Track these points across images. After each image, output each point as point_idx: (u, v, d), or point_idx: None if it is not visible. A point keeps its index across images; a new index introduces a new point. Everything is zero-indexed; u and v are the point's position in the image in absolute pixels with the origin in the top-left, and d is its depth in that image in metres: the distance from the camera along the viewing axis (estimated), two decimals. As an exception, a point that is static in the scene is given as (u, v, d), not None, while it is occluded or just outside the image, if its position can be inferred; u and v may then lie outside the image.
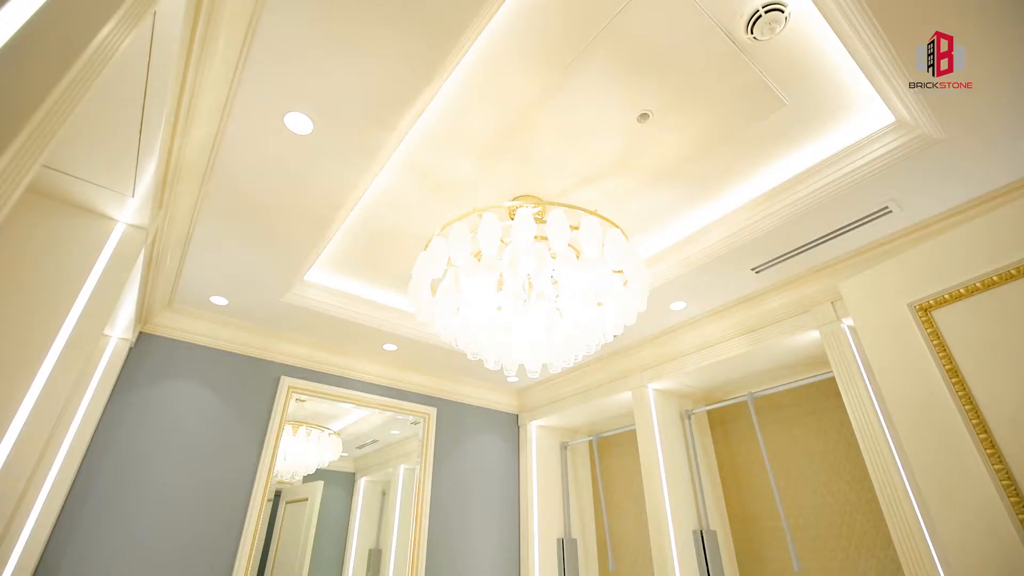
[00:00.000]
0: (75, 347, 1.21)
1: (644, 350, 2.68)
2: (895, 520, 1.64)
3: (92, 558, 1.91)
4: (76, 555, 1.88)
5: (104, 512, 1.98)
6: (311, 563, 2.79)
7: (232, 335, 2.49)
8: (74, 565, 1.87)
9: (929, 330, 1.18)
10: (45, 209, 1.29)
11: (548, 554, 3.04)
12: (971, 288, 1.15)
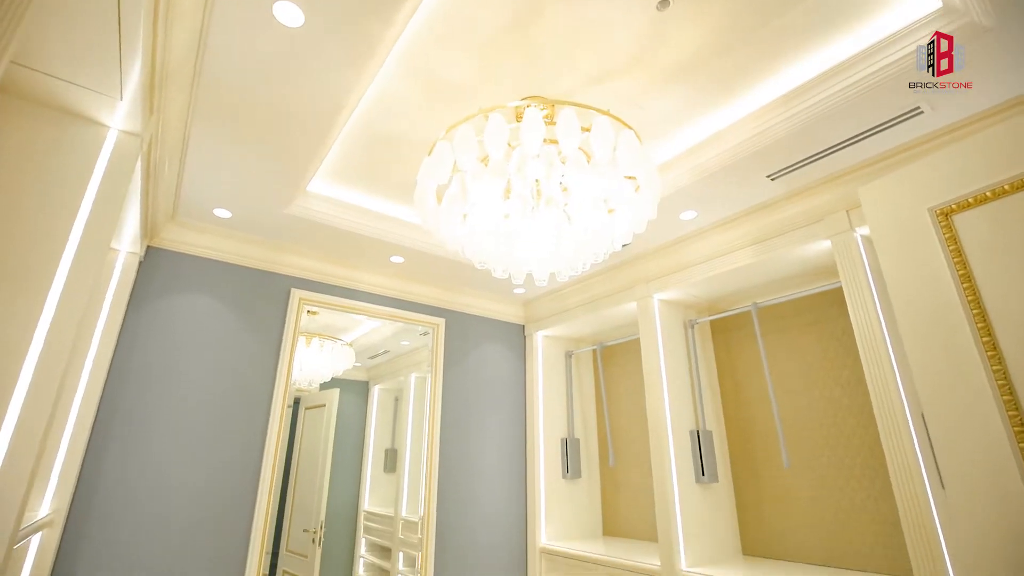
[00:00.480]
0: (84, 260, 1.22)
1: (651, 261, 2.68)
2: (885, 420, 1.72)
3: (130, 468, 2.06)
4: (114, 466, 2.03)
5: (135, 424, 2.11)
6: (332, 461, 3.01)
7: (239, 248, 2.50)
8: (114, 476, 2.02)
9: (947, 235, 1.15)
10: (35, 116, 1.23)
11: (552, 452, 3.26)
12: (998, 191, 1.11)
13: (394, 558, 2.96)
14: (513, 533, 3.07)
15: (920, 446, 1.65)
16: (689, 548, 2.32)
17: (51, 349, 1.10)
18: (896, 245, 1.19)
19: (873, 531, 2.14)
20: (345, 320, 3.01)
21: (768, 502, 2.52)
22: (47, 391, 1.08)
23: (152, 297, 2.26)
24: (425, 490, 2.82)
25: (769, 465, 2.55)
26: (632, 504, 3.17)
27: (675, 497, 2.38)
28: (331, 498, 2.97)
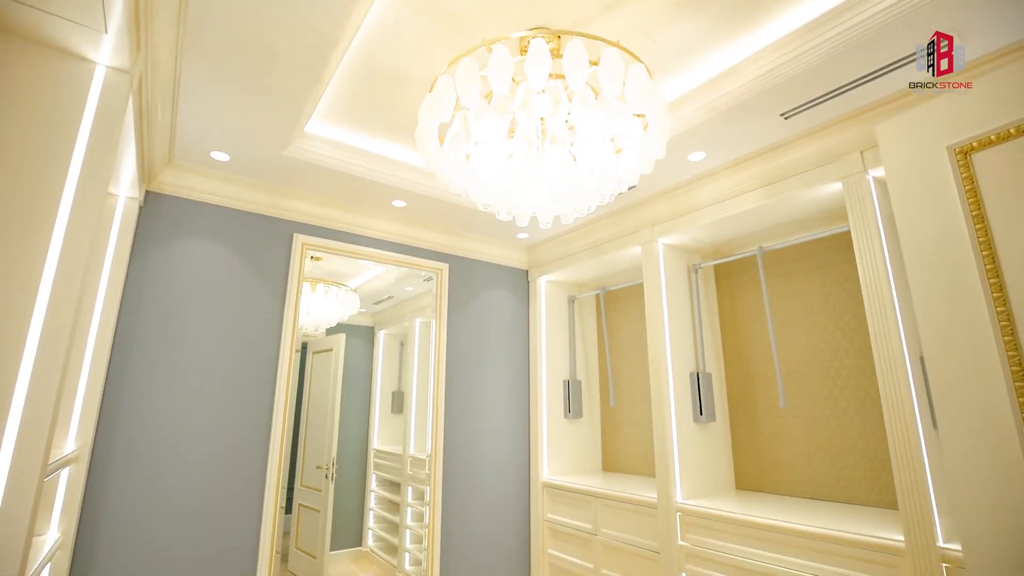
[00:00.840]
0: (84, 203, 1.20)
1: (657, 204, 2.64)
2: (883, 362, 1.75)
3: (147, 407, 2.13)
4: (132, 406, 2.10)
5: (149, 365, 2.16)
6: (341, 403, 3.11)
7: (240, 193, 2.47)
8: (133, 415, 2.09)
9: (964, 175, 1.12)
10: (19, 51, 1.18)
11: (555, 393, 3.35)
12: (1023, 127, 1.06)
13: (403, 492, 3.11)
14: (517, 469, 3.22)
15: (915, 388, 1.69)
16: (685, 482, 2.43)
17: (60, 290, 1.11)
18: (910, 184, 1.16)
19: (863, 467, 2.23)
20: (349, 266, 3.02)
21: (763, 440, 2.61)
22: (61, 331, 1.10)
23: (156, 243, 2.25)
24: (432, 430, 2.93)
25: (766, 405, 2.62)
26: (631, 442, 3.30)
27: (673, 435, 2.47)
28: (341, 437, 3.10)
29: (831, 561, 1.81)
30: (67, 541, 1.85)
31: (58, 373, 1.08)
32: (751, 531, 2.05)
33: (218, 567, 2.17)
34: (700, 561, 2.22)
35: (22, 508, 1.02)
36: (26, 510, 1.02)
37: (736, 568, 2.08)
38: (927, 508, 1.60)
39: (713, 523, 2.20)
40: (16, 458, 1.02)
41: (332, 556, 2.97)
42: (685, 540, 2.30)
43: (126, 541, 2.00)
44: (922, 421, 1.66)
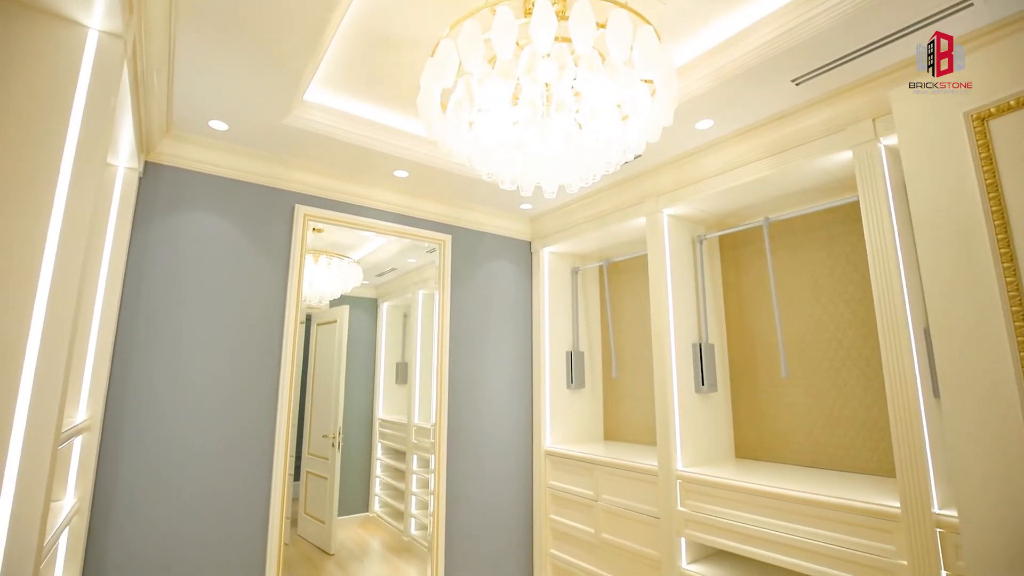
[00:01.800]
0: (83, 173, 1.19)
1: (662, 174, 2.60)
2: (887, 333, 1.75)
3: (155, 378, 2.15)
4: (140, 377, 2.12)
5: (155, 337, 2.17)
6: (346, 374, 3.14)
7: (240, 163, 2.44)
8: (141, 386, 2.12)
9: (980, 141, 1.10)
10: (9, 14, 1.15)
11: (558, 364, 3.38)
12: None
13: (408, 460, 3.18)
14: (520, 438, 3.27)
15: (918, 358, 1.69)
16: (686, 450, 2.47)
17: (64, 261, 1.11)
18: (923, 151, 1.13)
19: (862, 436, 2.26)
20: (351, 238, 3.00)
21: (764, 409, 2.64)
22: (66, 302, 1.10)
23: (157, 214, 2.24)
24: (436, 400, 2.97)
25: (768, 375, 2.64)
26: (633, 412, 3.34)
27: (675, 405, 2.49)
28: (347, 407, 3.14)
29: (827, 527, 1.85)
30: (83, 506, 1.91)
31: (66, 343, 1.09)
32: (749, 497, 2.10)
33: (231, 532, 2.24)
34: (698, 526, 2.27)
35: (39, 474, 1.04)
36: (42, 476, 1.04)
37: (734, 533, 2.13)
38: (924, 475, 1.62)
39: (712, 490, 2.25)
40: (30, 426, 1.04)
41: (340, 521, 3.05)
42: (684, 506, 2.35)
43: (140, 505, 2.06)
44: (923, 391, 1.68)
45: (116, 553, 1.99)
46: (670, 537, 2.37)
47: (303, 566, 2.85)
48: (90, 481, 1.94)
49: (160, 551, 2.08)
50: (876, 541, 1.73)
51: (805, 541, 1.89)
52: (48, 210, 1.11)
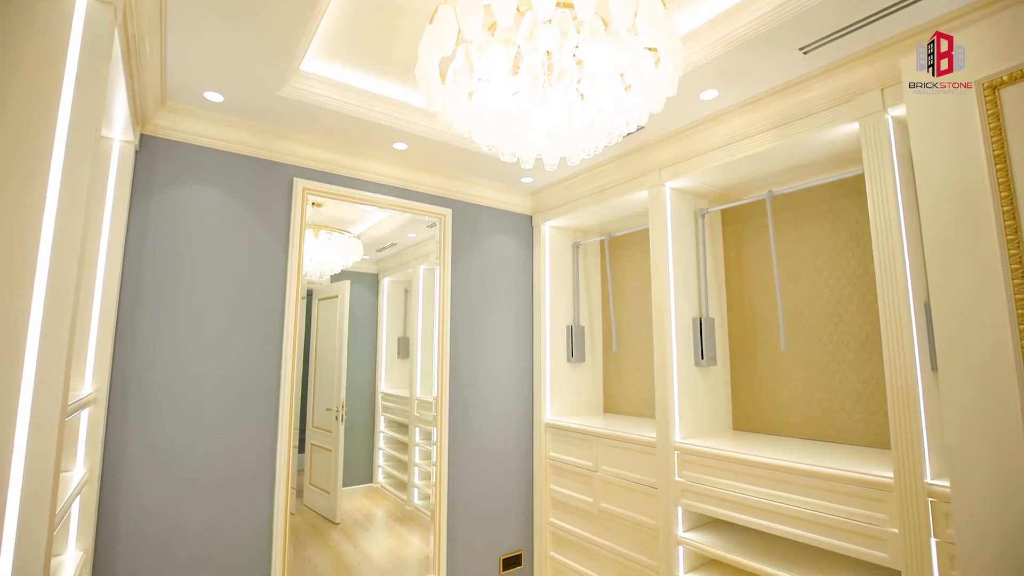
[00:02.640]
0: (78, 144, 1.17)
1: (665, 146, 2.56)
2: (888, 307, 1.75)
3: (158, 353, 2.17)
4: (144, 352, 2.14)
5: (157, 312, 2.18)
6: (348, 348, 3.17)
7: (237, 136, 2.40)
8: (145, 361, 2.14)
9: (991, 111, 1.07)
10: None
11: (558, 338, 3.41)
12: (1057, 58, 1.00)
13: (411, 432, 3.23)
14: (520, 410, 3.32)
15: (917, 332, 1.70)
16: (684, 423, 2.50)
17: (63, 233, 1.10)
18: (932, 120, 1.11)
19: (859, 410, 2.29)
20: (351, 212, 2.98)
21: (762, 383, 2.66)
22: (67, 275, 1.10)
23: (155, 188, 2.22)
24: (437, 374, 3.00)
25: (767, 349, 2.65)
26: (632, 385, 3.38)
27: (674, 378, 2.52)
28: (349, 381, 3.17)
29: (821, 496, 1.89)
30: (93, 476, 1.95)
31: (68, 316, 1.10)
32: (745, 468, 2.14)
33: (238, 501, 2.29)
34: (695, 496, 2.32)
35: (47, 445, 1.06)
36: (51, 447, 1.06)
37: (729, 502, 2.18)
38: (918, 446, 1.65)
39: (709, 461, 2.29)
40: (36, 399, 1.05)
41: (345, 492, 3.12)
42: (682, 476, 2.40)
43: (149, 476, 2.11)
44: (921, 364, 1.69)
45: (127, 521, 2.05)
46: (667, 506, 2.42)
47: (309, 535, 2.93)
48: (99, 452, 1.98)
49: (170, 520, 2.13)
50: (868, 510, 1.77)
51: (798, 510, 1.94)
52: (44, 182, 1.10)
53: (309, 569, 2.70)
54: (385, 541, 3.06)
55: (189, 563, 2.16)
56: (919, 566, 1.62)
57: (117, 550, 2.02)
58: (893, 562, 1.68)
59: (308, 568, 2.71)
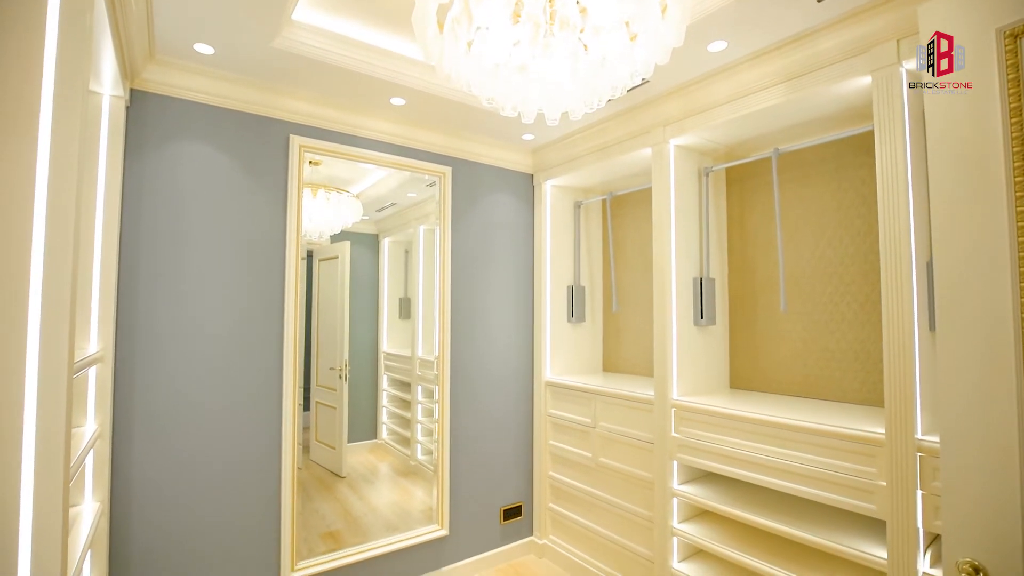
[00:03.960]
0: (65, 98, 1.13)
1: (670, 101, 2.49)
2: (889, 266, 1.75)
3: (160, 314, 2.18)
4: (146, 312, 2.15)
5: (158, 271, 2.18)
6: (350, 310, 3.18)
7: (230, 91, 2.34)
8: (148, 320, 2.15)
9: (1010, 61, 1.03)
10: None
11: (559, 298, 3.42)
12: (1083, 4, 0.96)
13: (413, 391, 3.29)
14: (521, 369, 3.37)
15: (917, 292, 1.70)
16: (681, 381, 2.54)
17: (57, 189, 1.09)
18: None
19: (855, 368, 2.32)
20: (350, 171, 2.93)
21: (760, 342, 2.69)
22: (64, 232, 1.09)
23: (149, 145, 2.18)
24: (439, 334, 3.03)
25: (766, 309, 2.67)
26: (632, 345, 3.42)
27: (673, 338, 2.54)
28: (352, 341, 3.21)
29: (813, 451, 1.94)
30: (104, 431, 2.00)
31: (68, 274, 1.09)
32: (739, 424, 2.19)
33: (247, 457, 2.36)
34: (691, 451, 2.39)
35: (57, 401, 1.08)
36: (61, 403, 1.08)
37: (723, 456, 2.24)
38: (911, 404, 1.68)
39: (705, 417, 2.34)
40: (43, 356, 1.06)
41: (350, 448, 3.21)
42: (678, 432, 2.46)
43: (158, 432, 2.16)
44: (919, 324, 1.70)
45: (140, 471, 2.12)
46: (663, 461, 2.50)
47: (317, 487, 3.04)
48: (109, 409, 2.02)
49: (181, 474, 2.21)
50: (859, 464, 1.82)
51: (790, 464, 1.99)
52: (35, 135, 1.07)
53: (317, 519, 2.82)
54: (390, 494, 3.18)
55: (203, 509, 2.25)
56: (904, 516, 1.68)
57: (132, 499, 2.10)
58: (879, 513, 1.75)
59: (316, 519, 2.82)
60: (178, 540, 2.19)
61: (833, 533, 1.94)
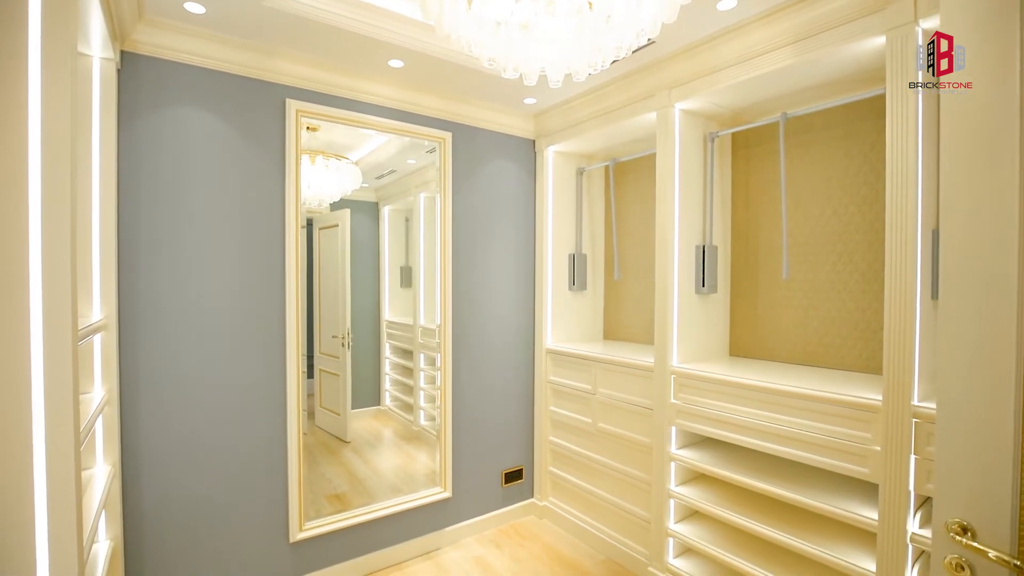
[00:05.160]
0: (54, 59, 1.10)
1: (676, 63, 2.42)
2: (895, 233, 1.73)
3: (161, 282, 2.18)
4: (147, 282, 2.14)
5: (157, 239, 2.16)
6: (352, 278, 3.18)
7: (223, 52, 2.27)
8: (150, 290, 2.15)
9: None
10: None
11: (560, 266, 3.41)
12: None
13: (416, 358, 3.32)
14: (522, 337, 3.40)
15: (921, 260, 1.69)
16: (681, 349, 2.56)
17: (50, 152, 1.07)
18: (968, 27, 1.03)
19: (855, 337, 2.33)
20: (348, 137, 2.88)
21: (761, 310, 2.70)
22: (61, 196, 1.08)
23: (143, 110, 2.13)
24: (440, 303, 3.03)
25: (769, 277, 2.66)
26: (632, 313, 3.43)
27: (674, 306, 2.55)
28: (354, 310, 3.22)
29: (810, 417, 1.97)
30: (112, 398, 2.03)
31: (67, 238, 1.09)
32: (737, 391, 2.21)
33: (253, 423, 2.41)
34: (689, 416, 2.43)
35: (63, 368, 1.09)
36: (67, 369, 1.09)
37: (721, 422, 2.28)
38: (909, 370, 1.70)
39: (704, 384, 2.36)
40: (47, 324, 1.07)
41: (354, 414, 3.26)
42: (677, 399, 2.49)
43: (165, 399, 2.20)
44: (921, 292, 1.70)
45: (149, 437, 2.16)
46: (662, 426, 2.54)
47: (322, 452, 3.10)
48: (115, 376, 2.05)
49: (189, 436, 2.25)
50: (854, 430, 1.85)
51: (787, 430, 2.03)
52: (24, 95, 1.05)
53: (324, 483, 2.89)
54: (393, 458, 3.25)
55: (212, 472, 2.31)
56: (897, 480, 1.72)
57: (143, 462, 2.15)
58: (872, 476, 1.79)
59: (323, 482, 2.90)
60: (189, 501, 2.25)
61: (825, 496, 1.99)
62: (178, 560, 2.23)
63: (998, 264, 0.91)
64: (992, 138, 0.95)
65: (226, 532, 2.35)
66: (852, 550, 1.93)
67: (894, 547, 1.73)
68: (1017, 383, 0.88)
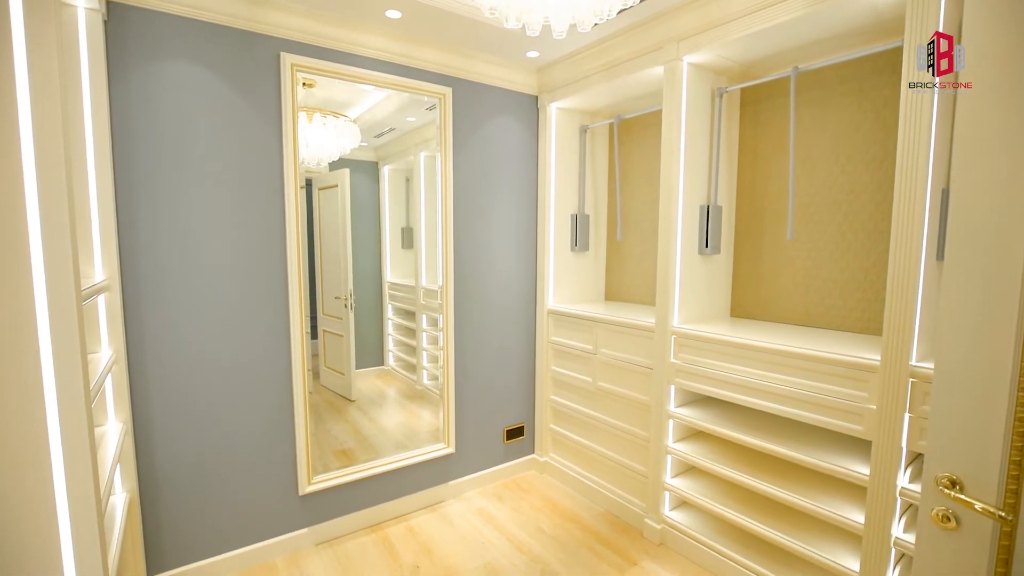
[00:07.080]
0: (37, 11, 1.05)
1: (685, 14, 2.32)
2: (903, 192, 1.70)
3: (161, 244, 2.16)
4: (148, 241, 2.13)
5: (155, 199, 2.14)
6: (353, 240, 3.17)
7: (215, 4, 2.18)
8: (151, 249, 2.14)
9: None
10: None
11: (562, 226, 3.39)
12: None
13: (418, 319, 3.35)
14: (524, 297, 3.41)
15: (929, 220, 1.67)
16: (683, 309, 2.57)
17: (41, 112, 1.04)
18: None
19: (856, 298, 2.33)
20: (346, 94, 2.80)
21: (764, 271, 2.69)
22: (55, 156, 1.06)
23: (133, 65, 2.06)
24: (442, 264, 3.03)
25: (773, 238, 2.64)
26: (635, 274, 3.42)
27: (676, 266, 2.54)
28: (356, 271, 3.22)
29: (807, 376, 2.00)
30: (120, 357, 2.06)
31: (64, 197, 1.07)
32: (736, 350, 2.24)
33: (259, 382, 2.45)
34: (688, 375, 2.46)
35: (69, 327, 1.10)
36: (73, 329, 1.10)
37: (719, 381, 2.32)
38: (909, 330, 1.70)
39: (704, 344, 2.39)
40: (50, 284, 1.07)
41: (358, 374, 3.32)
42: (677, 359, 2.52)
43: (172, 358, 2.23)
44: (927, 252, 1.68)
45: (158, 395, 2.21)
46: (661, 385, 2.58)
47: (328, 410, 3.18)
48: (121, 336, 2.07)
49: (198, 396, 2.30)
50: (851, 389, 1.88)
51: (784, 389, 2.06)
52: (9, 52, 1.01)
53: (330, 439, 2.98)
54: (398, 416, 3.33)
55: (221, 430, 2.37)
56: (889, 437, 1.76)
57: (154, 420, 2.20)
58: (866, 434, 1.83)
59: (329, 438, 2.98)
60: (201, 458, 2.33)
61: (819, 452, 2.04)
62: (194, 509, 2.33)
63: (1009, 223, 0.89)
64: (1014, 90, 0.91)
65: (239, 486, 2.44)
66: (842, 503, 2.00)
67: (883, 500, 1.79)
68: (1017, 342, 0.88)
